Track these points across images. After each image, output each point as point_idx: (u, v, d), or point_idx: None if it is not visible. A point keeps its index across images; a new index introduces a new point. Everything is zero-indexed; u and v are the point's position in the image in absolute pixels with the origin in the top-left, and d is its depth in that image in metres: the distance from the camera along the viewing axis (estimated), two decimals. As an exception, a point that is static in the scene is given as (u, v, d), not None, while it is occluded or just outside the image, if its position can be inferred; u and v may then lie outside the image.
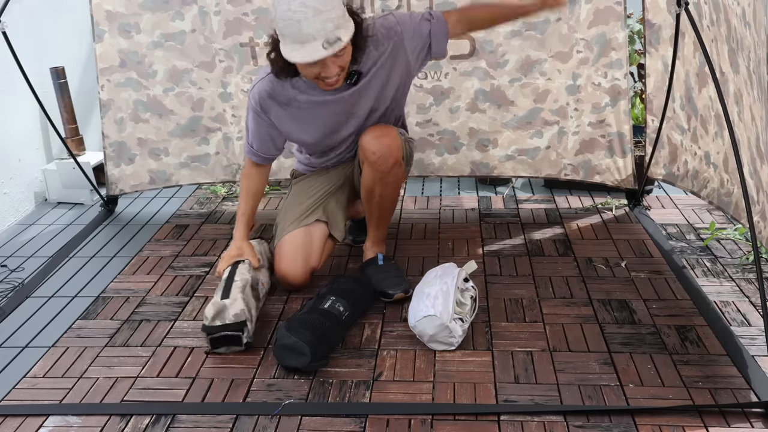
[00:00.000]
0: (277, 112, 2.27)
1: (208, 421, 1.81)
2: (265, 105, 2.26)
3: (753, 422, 1.74)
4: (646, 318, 2.20)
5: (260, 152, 2.37)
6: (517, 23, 2.77)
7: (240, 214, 2.40)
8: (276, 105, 2.26)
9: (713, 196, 2.63)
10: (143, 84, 3.00)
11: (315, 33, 1.93)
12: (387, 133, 2.26)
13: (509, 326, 2.19)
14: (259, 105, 2.26)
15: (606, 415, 1.78)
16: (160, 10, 2.88)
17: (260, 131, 2.32)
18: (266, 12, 2.84)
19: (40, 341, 2.22)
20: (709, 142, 2.64)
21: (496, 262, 2.61)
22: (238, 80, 2.97)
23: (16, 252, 2.88)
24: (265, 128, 2.31)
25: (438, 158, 3.09)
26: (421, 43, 2.23)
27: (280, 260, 2.38)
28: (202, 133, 3.09)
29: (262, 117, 2.28)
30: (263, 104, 2.26)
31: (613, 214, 3.01)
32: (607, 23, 2.75)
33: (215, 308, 2.06)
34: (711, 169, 2.66)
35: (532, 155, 3.02)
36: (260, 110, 2.27)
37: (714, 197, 2.62)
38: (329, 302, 2.13)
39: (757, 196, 2.31)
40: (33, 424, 1.82)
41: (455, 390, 1.89)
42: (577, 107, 2.90)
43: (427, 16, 2.23)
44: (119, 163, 3.15)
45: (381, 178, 2.29)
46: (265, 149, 2.37)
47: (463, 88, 2.94)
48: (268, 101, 2.25)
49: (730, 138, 1.84)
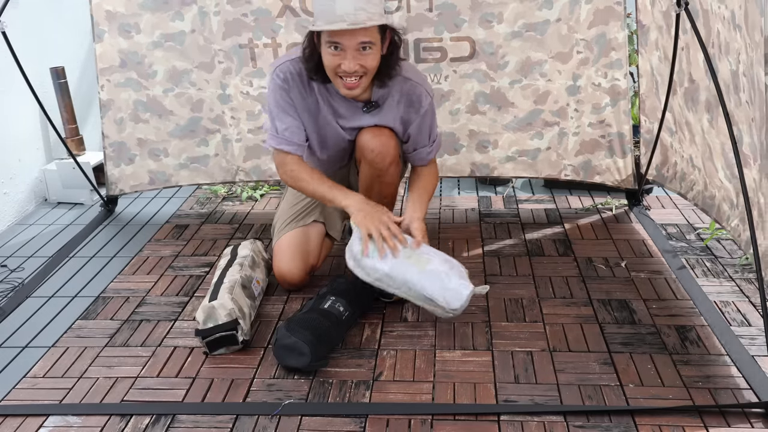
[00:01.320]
0: (296, 95, 2.23)
1: (208, 421, 1.81)
2: (290, 81, 2.20)
3: (753, 422, 1.74)
4: (646, 318, 2.20)
5: (290, 137, 2.23)
6: (517, 23, 2.76)
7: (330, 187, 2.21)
8: (297, 87, 2.21)
9: (698, 199, 2.65)
10: (143, 84, 3.00)
11: (345, 15, 1.94)
12: (384, 131, 2.27)
13: (509, 326, 2.19)
14: (285, 81, 2.19)
15: (606, 415, 1.78)
16: (160, 11, 2.87)
17: (288, 110, 2.22)
18: (266, 13, 2.83)
19: (40, 341, 2.22)
20: (689, 146, 2.66)
21: (496, 262, 2.61)
22: (237, 82, 2.97)
23: (16, 252, 2.88)
24: (292, 108, 2.23)
25: (437, 159, 3.07)
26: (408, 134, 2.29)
27: (279, 260, 2.38)
28: (201, 135, 3.09)
29: (288, 93, 2.21)
30: (289, 79, 2.19)
31: (613, 214, 3.02)
32: (607, 23, 2.75)
33: (205, 311, 2.07)
34: (696, 171, 2.68)
35: (533, 156, 3.02)
36: (285, 86, 2.20)
37: (699, 199, 2.64)
38: (329, 302, 2.13)
39: (736, 200, 2.32)
40: (33, 424, 1.82)
41: (455, 390, 1.89)
42: (577, 108, 2.90)
43: (429, 142, 2.32)
44: (119, 163, 3.15)
45: (378, 176, 2.30)
46: (295, 131, 2.23)
47: (463, 90, 2.93)
48: (291, 80, 2.20)
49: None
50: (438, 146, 2.37)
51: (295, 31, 2.85)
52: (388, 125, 2.27)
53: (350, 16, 1.94)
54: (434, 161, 2.40)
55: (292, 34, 2.85)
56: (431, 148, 2.34)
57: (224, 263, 2.35)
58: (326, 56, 2.07)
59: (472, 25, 2.79)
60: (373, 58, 2.06)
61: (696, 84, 2.35)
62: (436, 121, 2.36)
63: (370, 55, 2.05)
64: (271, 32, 2.87)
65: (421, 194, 2.30)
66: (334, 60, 2.05)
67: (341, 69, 2.05)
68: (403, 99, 2.23)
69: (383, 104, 2.24)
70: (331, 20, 1.96)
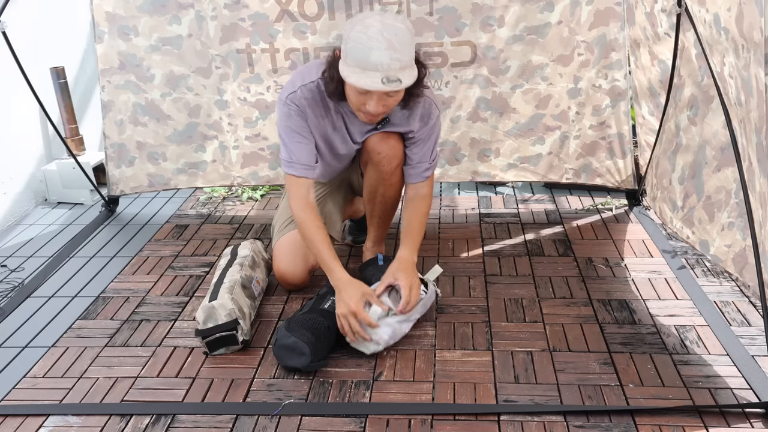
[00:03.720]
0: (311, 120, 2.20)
1: (208, 421, 1.81)
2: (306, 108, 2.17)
3: (753, 422, 1.74)
4: (646, 318, 2.20)
5: (302, 161, 2.18)
6: (519, 27, 2.76)
7: (328, 258, 2.12)
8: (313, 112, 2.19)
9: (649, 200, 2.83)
10: (142, 87, 2.99)
11: (380, 65, 1.90)
12: (392, 135, 2.27)
13: (509, 326, 2.19)
14: (300, 108, 2.15)
15: (606, 415, 1.78)
16: (158, 14, 2.86)
17: (300, 135, 2.18)
18: (263, 18, 2.81)
19: (40, 341, 2.22)
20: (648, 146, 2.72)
21: (496, 262, 2.62)
22: (234, 88, 2.95)
23: (16, 252, 2.88)
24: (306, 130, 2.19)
25: (438, 169, 3.05)
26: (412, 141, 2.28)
27: (279, 260, 2.38)
28: (198, 141, 3.07)
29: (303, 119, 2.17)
30: (305, 106, 2.16)
31: (613, 214, 3.02)
32: (607, 24, 2.75)
33: (205, 311, 2.07)
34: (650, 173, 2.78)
35: (534, 162, 3.00)
36: (301, 113, 2.16)
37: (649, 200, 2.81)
38: (329, 302, 2.13)
39: (682, 202, 2.35)
40: (33, 424, 1.82)
41: (455, 390, 1.89)
42: (578, 111, 2.89)
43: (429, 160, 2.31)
44: (120, 164, 3.14)
45: (384, 179, 2.30)
46: (307, 153, 2.19)
47: (464, 96, 2.90)
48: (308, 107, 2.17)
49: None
50: (435, 165, 2.35)
51: (293, 36, 2.82)
52: (397, 132, 2.28)
53: (384, 66, 1.91)
54: (431, 180, 2.34)
55: (289, 39, 2.83)
56: (429, 165, 2.31)
57: (224, 263, 2.35)
58: (352, 93, 2.04)
59: (473, 28, 2.77)
60: (397, 99, 2.05)
61: (683, 79, 2.36)
62: (441, 136, 2.35)
63: (395, 97, 2.03)
64: (269, 37, 2.85)
65: (414, 226, 2.27)
66: (359, 99, 2.02)
67: (365, 108, 2.03)
68: (414, 112, 2.22)
69: (396, 121, 2.23)
70: (364, 67, 1.92)
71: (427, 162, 2.30)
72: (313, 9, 2.78)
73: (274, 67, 2.89)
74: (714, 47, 1.95)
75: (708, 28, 1.97)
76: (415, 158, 2.30)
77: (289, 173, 2.18)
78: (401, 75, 1.93)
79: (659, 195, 2.63)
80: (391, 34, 1.90)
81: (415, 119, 2.23)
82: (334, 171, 2.47)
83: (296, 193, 2.17)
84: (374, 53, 1.89)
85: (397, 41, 1.90)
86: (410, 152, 2.31)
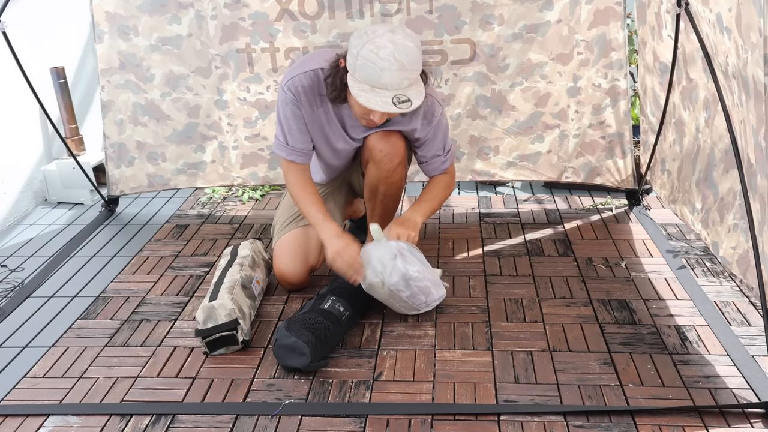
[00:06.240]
0: (306, 109, 2.22)
1: (208, 421, 1.81)
2: (301, 96, 2.19)
3: (753, 422, 1.74)
4: (646, 318, 2.20)
5: (297, 147, 2.25)
6: (518, 25, 2.76)
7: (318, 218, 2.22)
8: (308, 101, 2.21)
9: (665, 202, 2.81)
10: (141, 87, 2.99)
11: (390, 85, 1.93)
12: (393, 133, 2.27)
13: (509, 326, 2.19)
14: (296, 95, 2.19)
15: (606, 415, 1.78)
16: (158, 14, 2.86)
17: (296, 122, 2.23)
18: (264, 17, 2.81)
19: (40, 341, 2.22)
20: (666, 149, 2.69)
21: (496, 262, 2.62)
22: (234, 88, 2.95)
23: (16, 252, 2.88)
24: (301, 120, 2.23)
25: None
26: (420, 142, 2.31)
27: (279, 260, 2.38)
28: (198, 141, 3.07)
29: (298, 107, 2.21)
30: (300, 94, 2.19)
31: (613, 214, 3.02)
32: (607, 24, 2.75)
33: (205, 311, 2.07)
34: (665, 176, 2.74)
35: (534, 160, 3.01)
36: (296, 100, 2.19)
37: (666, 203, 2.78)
38: (329, 302, 2.13)
39: (701, 204, 2.35)
40: (33, 424, 1.82)
41: (455, 390, 1.89)
42: (577, 109, 2.89)
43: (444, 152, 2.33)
44: (119, 164, 3.15)
45: (386, 177, 2.30)
46: (303, 141, 2.25)
47: (464, 94, 2.91)
48: (303, 95, 2.19)
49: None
50: (452, 156, 2.38)
51: (293, 35, 2.83)
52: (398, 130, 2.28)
53: (394, 85, 1.94)
54: (451, 172, 2.39)
55: (290, 39, 2.84)
56: (446, 158, 2.34)
57: (224, 263, 2.35)
58: (357, 104, 2.05)
59: (473, 26, 2.78)
60: None
61: (694, 82, 2.35)
62: (449, 131, 2.37)
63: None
64: (269, 37, 2.85)
65: (427, 200, 2.31)
66: (364, 110, 2.04)
67: (369, 118, 2.06)
68: (417, 111, 2.23)
69: (395, 119, 2.24)
70: (374, 85, 1.94)
71: (442, 155, 2.32)
72: (314, 8, 2.78)
73: (274, 66, 2.89)
74: (718, 47, 1.95)
75: (712, 28, 1.97)
76: (429, 155, 2.32)
77: (280, 155, 2.28)
78: (411, 94, 1.96)
79: (680, 198, 2.61)
80: (402, 55, 1.93)
81: (417, 117, 2.24)
82: (334, 170, 2.47)
83: (290, 167, 2.28)
84: (386, 74, 1.93)
85: (407, 62, 1.93)
86: (422, 152, 2.34)
